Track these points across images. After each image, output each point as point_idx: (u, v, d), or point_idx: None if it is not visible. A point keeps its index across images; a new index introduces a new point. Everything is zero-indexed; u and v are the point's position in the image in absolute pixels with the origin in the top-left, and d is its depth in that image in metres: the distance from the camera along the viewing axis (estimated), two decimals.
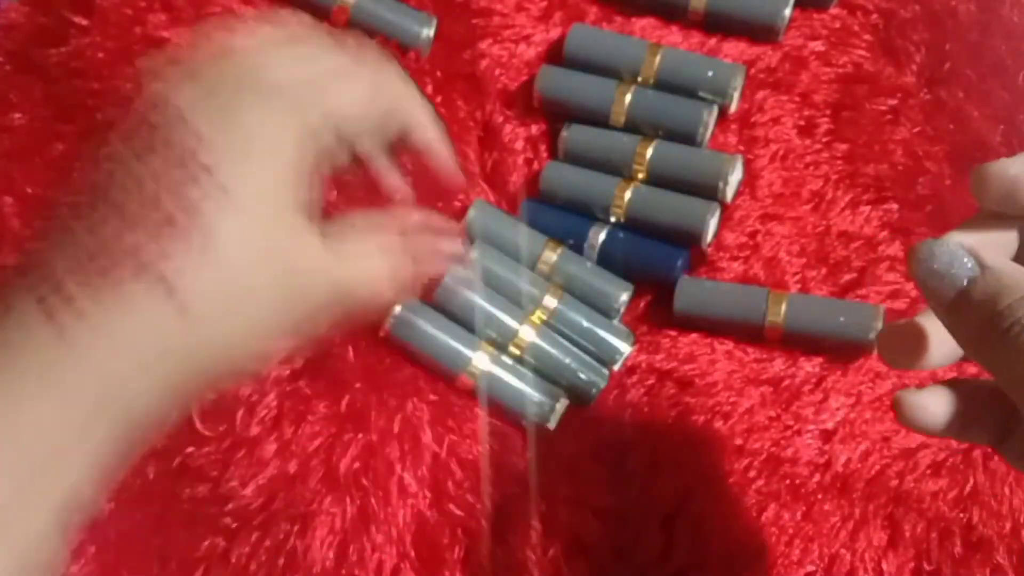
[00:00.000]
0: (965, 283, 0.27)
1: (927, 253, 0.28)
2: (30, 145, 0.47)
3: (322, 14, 0.48)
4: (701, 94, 0.46)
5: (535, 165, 0.47)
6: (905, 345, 0.30)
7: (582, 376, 0.43)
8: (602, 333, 0.44)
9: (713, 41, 0.48)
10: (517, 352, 0.43)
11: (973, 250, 0.27)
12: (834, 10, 0.48)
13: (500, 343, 0.43)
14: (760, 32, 0.48)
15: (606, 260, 0.45)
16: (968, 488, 0.41)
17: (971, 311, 0.27)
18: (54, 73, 0.48)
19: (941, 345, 0.29)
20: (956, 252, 0.27)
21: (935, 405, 0.29)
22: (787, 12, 0.47)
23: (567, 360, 0.43)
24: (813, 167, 0.46)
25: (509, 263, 0.45)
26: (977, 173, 0.29)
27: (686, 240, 0.45)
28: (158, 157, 0.28)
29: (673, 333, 0.44)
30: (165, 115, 0.29)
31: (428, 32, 0.48)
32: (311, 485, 0.41)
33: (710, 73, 0.46)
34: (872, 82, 0.47)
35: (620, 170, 0.46)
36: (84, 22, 0.48)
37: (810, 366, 0.43)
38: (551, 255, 0.45)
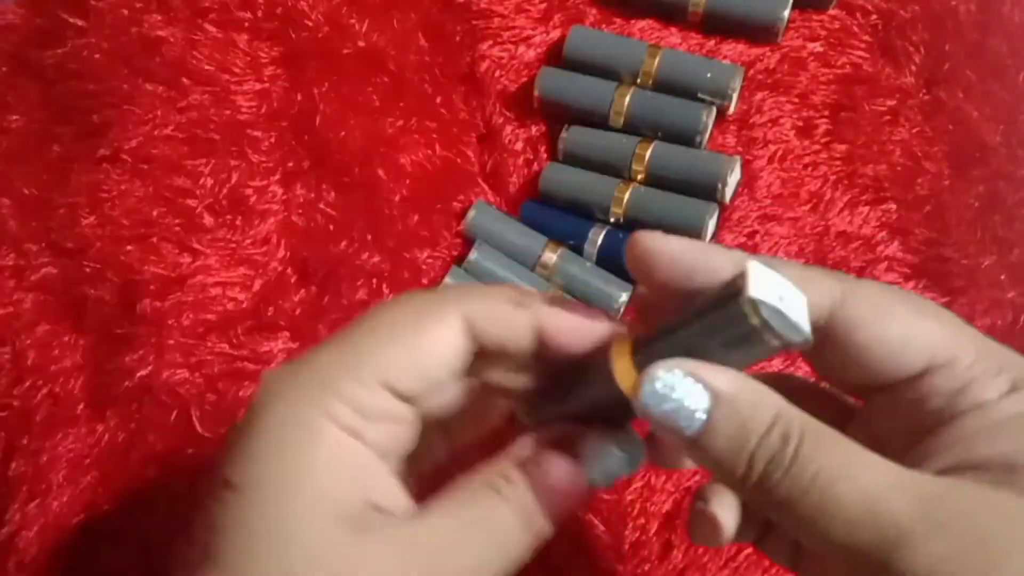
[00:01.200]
0: (702, 421, 0.22)
1: (651, 393, 0.22)
2: (27, 147, 0.47)
3: None
4: (700, 95, 0.46)
5: (535, 166, 0.47)
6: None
7: None
8: None
9: (712, 42, 0.48)
10: None
11: (699, 375, 0.22)
12: (833, 11, 0.48)
13: None
14: (759, 33, 0.48)
15: (606, 260, 0.45)
16: None
17: (715, 454, 0.22)
18: (51, 75, 0.48)
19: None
20: (684, 385, 0.22)
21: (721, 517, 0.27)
22: (786, 13, 0.47)
23: None
24: (812, 168, 0.46)
25: (509, 263, 0.45)
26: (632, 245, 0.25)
27: None
28: None
29: None
30: None
31: None
32: None
33: (709, 74, 0.46)
34: (871, 83, 0.47)
35: (619, 171, 0.46)
36: (80, 23, 0.48)
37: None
38: (551, 256, 0.45)
